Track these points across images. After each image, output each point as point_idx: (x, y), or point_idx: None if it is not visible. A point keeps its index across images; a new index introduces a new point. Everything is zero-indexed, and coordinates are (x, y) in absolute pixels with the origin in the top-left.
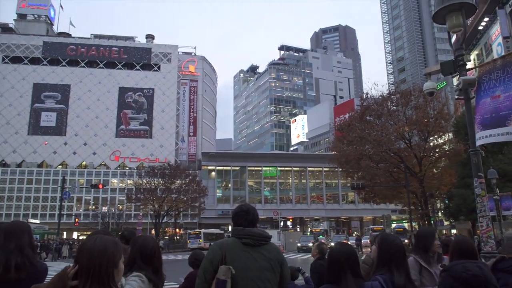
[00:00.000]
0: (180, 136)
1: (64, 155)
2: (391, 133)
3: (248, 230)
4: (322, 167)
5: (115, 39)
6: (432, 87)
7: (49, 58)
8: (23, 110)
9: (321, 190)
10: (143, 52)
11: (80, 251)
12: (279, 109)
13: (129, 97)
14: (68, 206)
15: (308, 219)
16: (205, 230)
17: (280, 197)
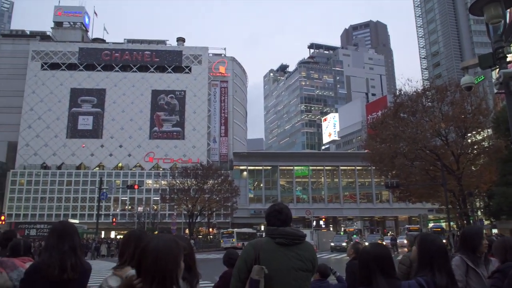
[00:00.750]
0: (211, 136)
1: (101, 157)
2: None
3: (281, 230)
4: (355, 165)
5: (147, 43)
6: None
7: (85, 64)
8: (61, 114)
9: (354, 189)
10: (174, 55)
11: (144, 253)
12: (310, 108)
13: (162, 100)
14: (106, 207)
15: (341, 218)
16: (238, 230)
17: (312, 197)
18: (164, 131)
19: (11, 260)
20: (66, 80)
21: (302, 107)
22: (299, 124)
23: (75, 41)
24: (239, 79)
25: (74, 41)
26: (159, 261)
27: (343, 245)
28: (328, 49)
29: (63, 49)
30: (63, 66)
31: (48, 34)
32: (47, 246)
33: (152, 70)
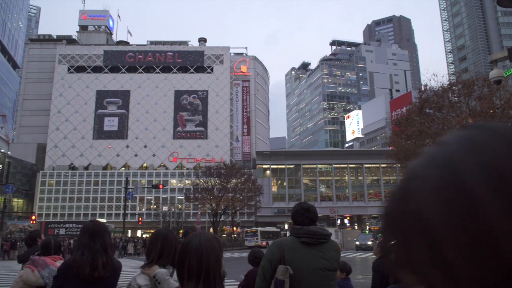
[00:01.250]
0: (234, 136)
1: (127, 158)
2: (453, 126)
3: (306, 229)
4: (380, 163)
5: (170, 44)
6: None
7: (109, 66)
8: (88, 116)
9: (379, 187)
10: (196, 55)
11: (187, 252)
12: (333, 106)
13: (185, 100)
14: (132, 206)
15: (366, 216)
16: (261, 228)
17: (336, 195)
18: (187, 131)
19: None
20: (92, 83)
21: (324, 105)
22: (322, 122)
23: (100, 44)
24: (261, 77)
25: (99, 44)
26: (203, 260)
27: (368, 243)
28: (350, 46)
29: (89, 52)
30: (88, 69)
31: (74, 38)
32: (79, 244)
33: (175, 70)
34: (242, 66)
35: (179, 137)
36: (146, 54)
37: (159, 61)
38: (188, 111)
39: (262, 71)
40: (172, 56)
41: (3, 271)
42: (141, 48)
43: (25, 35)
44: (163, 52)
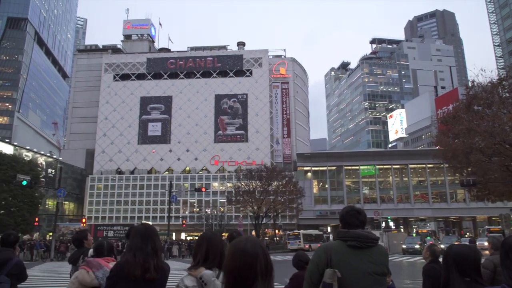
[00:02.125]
0: (274, 138)
1: (170, 162)
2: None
3: (353, 232)
4: (426, 163)
5: (209, 49)
6: None
7: (152, 73)
8: (132, 122)
9: (426, 188)
10: (235, 59)
11: (233, 255)
12: (374, 105)
13: (225, 104)
14: (176, 209)
15: (412, 219)
16: (304, 231)
17: (381, 197)
18: (228, 134)
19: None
20: (136, 90)
21: (366, 105)
22: (364, 122)
23: (143, 52)
24: (300, 79)
25: (142, 52)
26: (249, 263)
27: (416, 247)
28: (391, 43)
29: (133, 60)
30: (133, 76)
31: (118, 47)
32: (131, 247)
33: (215, 75)
34: (281, 68)
35: (220, 140)
36: (187, 60)
37: (199, 66)
38: (229, 114)
39: (301, 72)
40: (211, 61)
41: (57, 271)
42: (182, 55)
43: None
44: (203, 57)
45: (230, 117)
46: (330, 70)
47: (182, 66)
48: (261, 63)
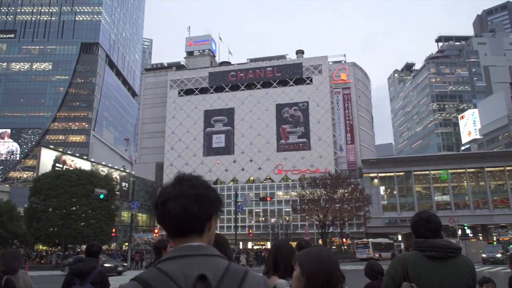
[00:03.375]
0: (338, 145)
1: (234, 172)
2: None
3: (431, 242)
4: (504, 166)
5: (269, 60)
6: None
7: (214, 86)
8: (197, 135)
9: (506, 192)
10: (294, 67)
11: (309, 262)
12: (443, 106)
13: (286, 113)
14: (242, 219)
15: (492, 226)
16: (373, 240)
17: (455, 203)
18: (290, 143)
19: None
20: (199, 103)
21: (434, 106)
22: (432, 124)
23: (204, 67)
24: (362, 83)
25: (204, 67)
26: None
27: (497, 256)
28: (459, 40)
29: (195, 75)
30: (196, 91)
31: (182, 63)
32: None
33: (275, 85)
34: (341, 74)
35: (282, 149)
36: (247, 72)
37: (260, 77)
38: (290, 123)
39: (362, 77)
40: (271, 71)
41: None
42: (242, 67)
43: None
44: (262, 68)
45: (292, 125)
46: (393, 73)
47: (242, 78)
48: (321, 70)
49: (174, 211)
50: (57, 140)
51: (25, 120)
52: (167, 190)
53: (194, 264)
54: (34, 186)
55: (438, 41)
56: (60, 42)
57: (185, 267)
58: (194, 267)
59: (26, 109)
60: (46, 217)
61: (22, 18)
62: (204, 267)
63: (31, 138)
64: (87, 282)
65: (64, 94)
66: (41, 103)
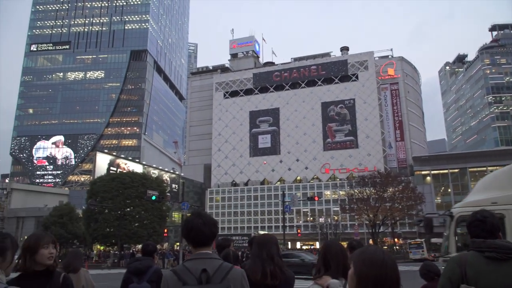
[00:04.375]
0: (386, 142)
1: (281, 172)
2: None
3: (491, 242)
4: None
5: (313, 58)
6: None
7: (259, 87)
8: (243, 136)
9: None
10: (339, 65)
11: (362, 262)
12: (500, 98)
13: (332, 111)
14: (290, 218)
15: None
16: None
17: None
18: (337, 141)
19: None
20: (245, 105)
21: (489, 99)
22: (488, 118)
23: (249, 68)
24: (411, 78)
25: (248, 68)
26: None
27: None
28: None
29: (240, 77)
30: (241, 92)
31: (226, 66)
32: (252, 254)
33: (320, 83)
34: (388, 69)
35: (329, 148)
36: (291, 71)
37: (304, 76)
38: (336, 121)
39: (411, 71)
40: (315, 69)
41: None
42: (286, 66)
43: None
44: (306, 66)
45: (338, 123)
46: (444, 65)
47: (287, 77)
48: (366, 66)
49: (204, 232)
50: (110, 144)
51: (81, 126)
52: (196, 220)
53: (201, 263)
54: (91, 188)
55: (492, 30)
56: (111, 50)
57: (196, 264)
58: (201, 264)
59: (81, 116)
60: (102, 218)
61: (75, 30)
62: (206, 265)
63: (86, 143)
64: (144, 280)
65: (116, 100)
66: (95, 109)
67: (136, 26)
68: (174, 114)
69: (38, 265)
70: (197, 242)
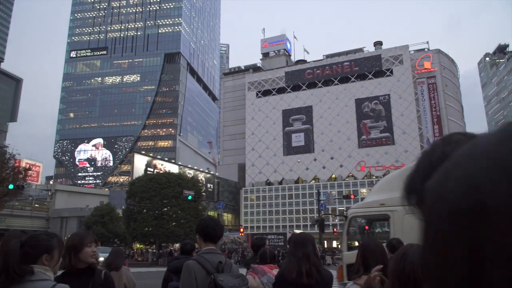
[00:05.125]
0: (424, 138)
1: (315, 170)
2: None
3: None
4: None
5: (345, 54)
6: None
7: (291, 86)
8: (277, 134)
9: None
10: (373, 60)
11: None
12: None
13: (366, 107)
14: (325, 217)
15: None
16: None
17: None
18: (372, 138)
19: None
20: (277, 104)
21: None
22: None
23: (280, 67)
24: (448, 71)
25: (280, 67)
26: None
27: None
28: None
29: (272, 76)
30: (273, 91)
31: (258, 65)
32: (288, 253)
33: (353, 79)
34: (425, 63)
35: (364, 145)
36: (324, 68)
37: (337, 73)
38: (371, 118)
39: (448, 63)
40: (348, 65)
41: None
42: (318, 63)
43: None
44: (339, 63)
45: (373, 120)
46: (484, 56)
47: (319, 75)
48: (401, 60)
49: (220, 231)
50: (147, 146)
51: (118, 129)
52: (210, 221)
53: (216, 256)
54: (129, 189)
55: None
56: (146, 54)
57: (212, 257)
58: (216, 257)
59: (119, 118)
60: (141, 217)
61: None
62: (220, 258)
63: (124, 145)
64: None
65: (151, 103)
66: (131, 112)
67: (169, 29)
68: (208, 114)
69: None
70: (209, 238)
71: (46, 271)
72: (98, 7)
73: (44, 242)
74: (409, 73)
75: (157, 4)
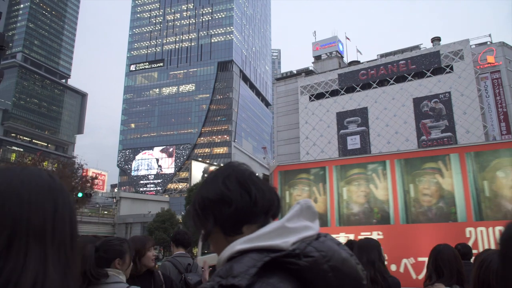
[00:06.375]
0: (490, 136)
1: None
2: None
3: None
4: None
5: (401, 53)
6: None
7: (345, 88)
8: (331, 138)
9: None
10: (430, 57)
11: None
12: None
13: (425, 106)
14: None
15: None
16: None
17: None
18: (433, 138)
19: None
20: (331, 106)
21: None
22: None
23: (333, 69)
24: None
25: (333, 69)
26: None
27: None
28: None
29: (324, 78)
30: (326, 94)
31: (310, 69)
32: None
33: (410, 78)
34: (488, 57)
35: (424, 146)
36: (378, 68)
37: (392, 72)
38: (431, 117)
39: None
40: (404, 64)
41: None
42: (372, 64)
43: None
44: (394, 62)
45: (433, 119)
46: None
47: (373, 75)
48: (462, 56)
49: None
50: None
51: (176, 137)
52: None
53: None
54: (188, 195)
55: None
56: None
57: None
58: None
59: (176, 127)
60: None
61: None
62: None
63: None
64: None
65: (206, 111)
66: (188, 121)
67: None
68: (261, 120)
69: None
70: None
71: (119, 274)
72: (154, 21)
73: (117, 247)
74: (471, 68)
75: (209, 15)
